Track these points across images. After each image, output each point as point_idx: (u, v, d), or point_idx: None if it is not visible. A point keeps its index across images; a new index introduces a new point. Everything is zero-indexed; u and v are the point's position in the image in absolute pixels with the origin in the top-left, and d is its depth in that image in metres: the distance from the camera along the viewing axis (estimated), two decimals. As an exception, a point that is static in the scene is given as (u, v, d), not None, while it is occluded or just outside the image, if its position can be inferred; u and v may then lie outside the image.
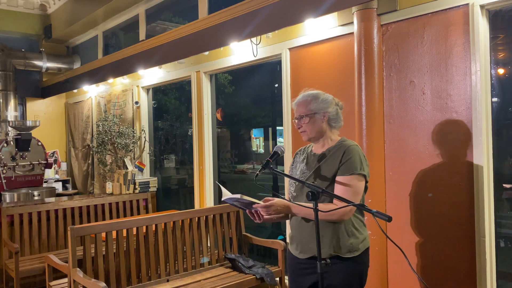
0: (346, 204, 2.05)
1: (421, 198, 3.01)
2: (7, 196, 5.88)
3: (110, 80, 6.22)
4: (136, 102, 6.05)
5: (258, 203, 2.22)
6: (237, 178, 5.40)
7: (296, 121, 2.33)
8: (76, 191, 7.55)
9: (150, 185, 5.78)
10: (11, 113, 7.20)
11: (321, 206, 2.11)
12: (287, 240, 2.48)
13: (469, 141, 2.76)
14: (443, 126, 2.89)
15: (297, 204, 2.21)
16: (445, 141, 2.89)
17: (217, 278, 3.78)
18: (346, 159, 2.18)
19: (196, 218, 3.99)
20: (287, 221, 3.20)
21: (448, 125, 2.87)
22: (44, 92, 7.81)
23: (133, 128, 6.01)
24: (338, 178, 2.17)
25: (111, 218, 5.31)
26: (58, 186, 7.30)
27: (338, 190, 2.16)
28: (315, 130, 2.29)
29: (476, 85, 2.71)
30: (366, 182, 2.25)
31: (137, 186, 5.64)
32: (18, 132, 6.30)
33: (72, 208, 5.05)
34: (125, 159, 5.72)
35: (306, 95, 2.32)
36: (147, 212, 5.59)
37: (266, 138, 5.45)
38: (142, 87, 6.05)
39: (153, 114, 6.16)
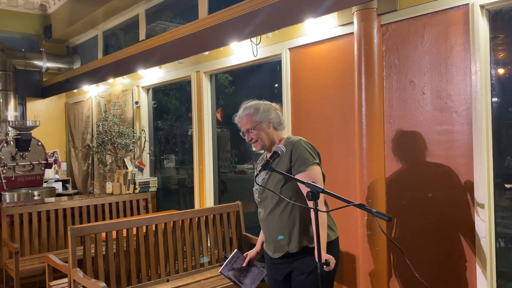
0: (346, 204, 2.05)
1: (421, 198, 3.01)
2: (7, 196, 5.88)
3: (110, 80, 6.23)
4: (136, 102, 6.05)
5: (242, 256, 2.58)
6: (237, 178, 5.40)
7: (246, 134, 2.46)
8: (76, 191, 7.55)
9: (150, 185, 5.78)
10: (11, 113, 7.20)
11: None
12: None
13: (469, 141, 2.76)
14: (443, 126, 2.89)
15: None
16: (445, 141, 2.89)
17: (217, 278, 3.78)
18: (296, 156, 2.33)
19: (196, 218, 3.99)
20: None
21: (448, 125, 2.87)
22: (44, 92, 7.81)
23: (133, 128, 6.01)
24: (298, 177, 2.27)
25: (111, 218, 5.31)
26: (58, 186, 7.30)
27: (302, 187, 2.30)
28: (265, 138, 2.44)
29: (476, 85, 2.71)
30: (322, 171, 2.42)
31: (137, 186, 5.64)
32: (18, 132, 6.30)
33: (72, 208, 5.05)
34: (125, 159, 5.72)
35: (247, 109, 2.46)
36: (147, 212, 5.59)
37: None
38: (142, 87, 6.05)
39: (153, 114, 6.16)
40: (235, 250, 2.57)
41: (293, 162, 2.34)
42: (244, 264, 2.58)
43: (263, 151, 2.59)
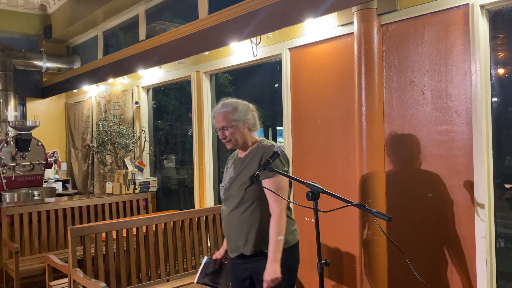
0: (346, 204, 2.05)
1: (421, 198, 3.01)
2: (7, 196, 5.88)
3: (110, 80, 6.23)
4: (136, 102, 6.05)
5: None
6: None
7: (220, 131, 2.44)
8: (76, 191, 7.55)
9: (150, 185, 5.77)
10: (11, 113, 7.20)
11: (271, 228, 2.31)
12: None
13: (469, 141, 2.76)
14: (443, 126, 2.89)
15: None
16: (445, 141, 2.89)
17: (217, 278, 3.77)
18: (264, 165, 2.27)
19: (196, 218, 3.99)
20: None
21: (448, 125, 2.87)
22: (44, 92, 7.81)
23: (133, 128, 6.01)
24: (263, 183, 2.32)
25: (111, 218, 5.31)
26: (58, 186, 7.30)
27: (266, 193, 2.33)
28: (239, 138, 2.44)
29: (476, 85, 2.71)
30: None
31: (137, 186, 5.64)
32: (18, 132, 6.30)
33: (72, 208, 5.05)
34: (125, 159, 5.72)
35: (226, 106, 2.44)
36: (147, 212, 5.59)
37: (266, 138, 5.45)
38: (142, 87, 6.05)
39: (153, 114, 6.16)
40: (205, 257, 2.59)
41: (260, 168, 2.30)
42: (215, 267, 2.59)
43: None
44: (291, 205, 2.66)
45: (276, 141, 5.00)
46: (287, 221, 2.37)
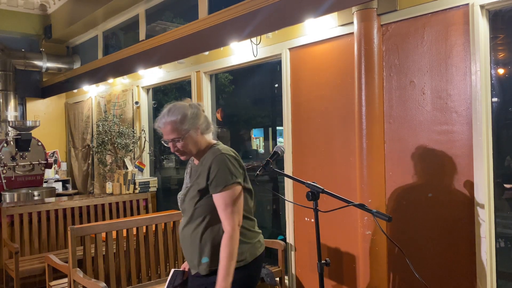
0: (346, 204, 2.05)
1: (421, 198, 3.01)
2: (7, 196, 5.88)
3: (110, 80, 6.23)
4: (136, 102, 6.05)
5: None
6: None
7: (170, 143, 2.18)
8: (76, 191, 7.55)
9: (150, 185, 5.77)
10: (11, 113, 7.20)
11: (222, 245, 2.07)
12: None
13: (469, 141, 2.76)
14: (443, 126, 2.89)
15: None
16: (445, 141, 2.89)
17: (217, 278, 3.77)
18: (213, 174, 2.09)
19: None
20: (289, 222, 3.18)
21: (448, 125, 2.87)
22: (44, 92, 7.81)
23: (133, 128, 6.01)
24: (214, 197, 2.10)
25: (111, 218, 5.31)
26: (58, 186, 7.30)
27: (218, 208, 2.09)
28: (193, 148, 2.18)
29: (476, 85, 2.71)
30: (246, 187, 2.19)
31: (137, 186, 5.64)
32: (18, 132, 6.30)
33: (72, 208, 5.05)
34: (125, 159, 5.72)
35: (173, 114, 2.15)
36: (147, 212, 5.59)
37: (266, 138, 5.45)
38: (142, 87, 6.05)
39: (153, 114, 6.16)
40: (172, 269, 2.42)
41: (210, 181, 2.10)
42: (184, 278, 2.40)
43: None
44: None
45: (276, 141, 5.01)
46: (247, 235, 2.17)
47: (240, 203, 2.11)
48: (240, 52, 4.34)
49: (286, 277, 3.98)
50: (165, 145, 2.23)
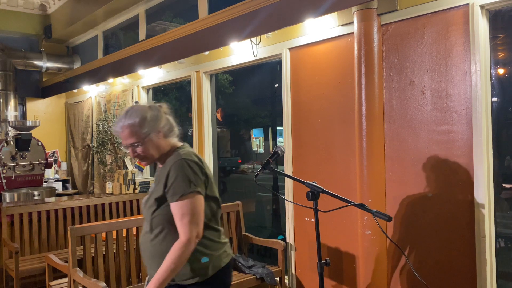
0: (346, 204, 2.05)
1: (421, 198, 3.01)
2: (7, 196, 5.88)
3: (110, 80, 6.22)
4: (136, 102, 6.05)
5: None
6: (237, 178, 5.40)
7: (129, 149, 2.01)
8: (76, 191, 7.55)
9: (150, 185, 5.77)
10: (11, 113, 7.20)
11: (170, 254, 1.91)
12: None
13: (469, 141, 2.76)
14: (443, 126, 2.89)
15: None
16: (444, 141, 2.89)
17: (217, 278, 3.77)
18: (170, 183, 1.93)
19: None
20: (289, 222, 3.17)
21: (448, 125, 2.87)
22: (44, 92, 7.81)
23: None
24: (171, 206, 1.94)
25: (111, 218, 5.31)
26: (58, 186, 7.30)
27: (176, 218, 1.93)
28: (154, 152, 2.02)
29: (476, 85, 2.71)
30: (209, 195, 2.02)
31: (137, 186, 5.64)
32: (18, 132, 6.30)
33: (72, 208, 5.05)
34: (125, 159, 5.72)
35: (131, 117, 1.98)
36: (147, 212, 5.58)
37: (266, 138, 5.46)
38: (142, 87, 6.05)
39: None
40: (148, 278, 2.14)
41: (167, 189, 1.94)
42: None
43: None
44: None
45: (276, 141, 5.02)
46: (211, 246, 2.01)
47: (199, 213, 1.93)
48: (240, 52, 4.34)
49: (286, 277, 3.98)
50: (125, 150, 2.09)
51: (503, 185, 2.82)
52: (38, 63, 7.46)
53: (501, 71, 2.83)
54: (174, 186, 1.91)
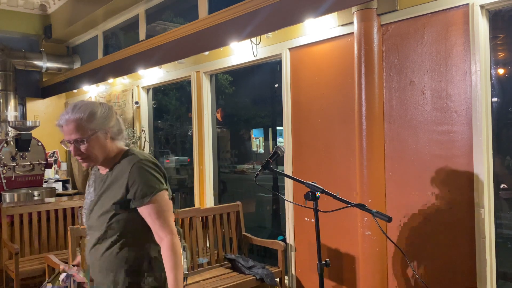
0: (346, 204, 2.05)
1: (421, 198, 3.01)
2: (7, 196, 5.87)
3: (110, 80, 6.22)
4: (136, 102, 6.05)
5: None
6: (237, 178, 5.40)
7: (71, 146, 1.84)
8: (76, 191, 7.54)
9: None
10: (11, 113, 7.20)
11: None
12: None
13: (469, 141, 2.76)
14: (443, 126, 2.89)
15: None
16: (445, 141, 2.89)
17: (217, 278, 3.78)
18: (136, 185, 1.79)
19: (196, 218, 3.99)
20: (289, 222, 3.16)
21: (448, 125, 2.87)
22: (44, 92, 7.81)
23: (133, 128, 6.01)
24: (140, 210, 1.80)
25: (111, 218, 5.30)
26: (58, 186, 7.30)
27: (149, 221, 1.81)
28: (99, 153, 1.85)
29: (476, 85, 2.71)
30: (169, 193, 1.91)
31: (137, 186, 5.63)
32: (18, 132, 6.30)
33: (72, 208, 5.04)
34: (125, 159, 5.71)
35: (78, 111, 1.82)
36: (147, 212, 5.58)
37: (266, 138, 5.46)
38: (142, 87, 6.05)
39: (153, 114, 6.16)
40: (45, 283, 2.02)
41: (132, 192, 1.80)
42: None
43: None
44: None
45: (276, 141, 5.01)
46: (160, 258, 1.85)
47: (171, 209, 1.86)
48: (240, 52, 4.34)
49: (286, 278, 3.98)
50: (66, 148, 1.94)
51: (503, 185, 2.82)
52: (38, 63, 7.46)
53: (501, 71, 2.83)
54: (141, 188, 1.79)
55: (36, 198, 5.87)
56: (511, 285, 2.87)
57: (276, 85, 4.53)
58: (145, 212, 1.80)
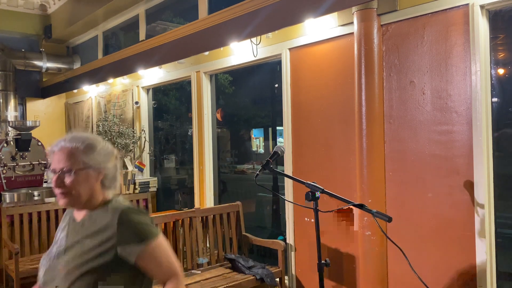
0: (346, 204, 2.05)
1: (421, 198, 3.01)
2: (7, 196, 5.87)
3: (110, 80, 6.23)
4: (136, 102, 6.05)
5: None
6: (237, 178, 5.40)
7: (56, 176, 1.56)
8: (76, 191, 7.54)
9: (150, 185, 5.77)
10: (11, 113, 7.20)
11: None
12: None
13: (469, 141, 2.76)
14: (443, 126, 2.89)
15: None
16: (445, 141, 2.89)
17: (217, 278, 3.78)
18: (130, 232, 1.53)
19: (196, 218, 3.99)
20: (289, 222, 3.17)
21: (448, 125, 2.87)
22: (44, 92, 7.81)
23: (133, 128, 6.01)
24: (138, 261, 1.53)
25: (111, 218, 5.31)
26: (58, 186, 7.29)
27: (152, 266, 1.56)
28: (84, 192, 1.57)
29: (476, 85, 2.71)
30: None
31: (137, 186, 5.64)
32: (18, 132, 6.29)
33: (72, 208, 5.04)
34: (125, 159, 5.72)
35: (76, 140, 1.59)
36: (147, 212, 5.58)
37: (266, 138, 5.45)
38: (142, 87, 6.05)
39: (153, 114, 6.17)
40: None
41: (124, 244, 1.51)
42: None
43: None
44: None
45: (276, 141, 5.01)
46: None
47: (173, 255, 1.64)
48: (240, 52, 4.34)
49: (286, 277, 3.98)
50: (48, 179, 1.71)
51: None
52: (38, 63, 7.46)
53: (501, 71, 2.83)
54: (139, 234, 1.53)
55: (36, 198, 5.86)
56: (511, 285, 2.87)
57: (276, 85, 4.53)
58: (147, 258, 1.54)
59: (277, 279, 3.84)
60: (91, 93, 7.17)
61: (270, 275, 3.77)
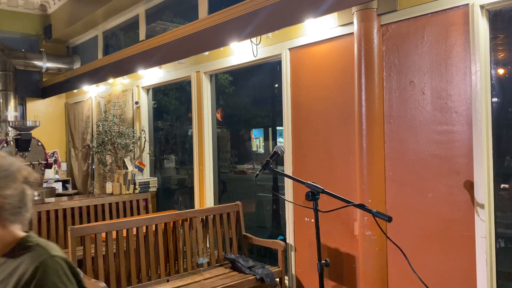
0: (346, 204, 2.05)
1: (421, 198, 3.01)
2: (7, 196, 5.87)
3: (110, 80, 6.23)
4: (136, 102, 6.05)
5: None
6: (237, 178, 5.40)
7: None
8: (76, 191, 7.55)
9: (150, 185, 5.77)
10: (11, 113, 7.20)
11: None
12: None
13: (469, 141, 2.76)
14: (443, 126, 2.89)
15: None
16: (445, 141, 2.89)
17: (217, 278, 3.78)
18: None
19: (196, 218, 3.99)
20: (289, 222, 3.17)
21: (448, 125, 2.87)
22: (44, 92, 7.81)
23: (133, 128, 6.01)
24: None
25: (111, 218, 5.31)
26: (58, 186, 7.30)
27: None
28: None
29: (476, 85, 2.71)
30: None
31: (137, 186, 5.64)
32: (18, 132, 6.30)
33: (72, 208, 5.05)
34: (125, 159, 5.72)
35: None
36: (147, 212, 5.59)
37: (266, 138, 5.45)
38: (142, 87, 6.05)
39: (153, 114, 6.17)
40: None
41: None
42: None
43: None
44: None
45: (276, 141, 5.01)
46: None
47: None
48: (240, 52, 4.34)
49: (286, 277, 3.98)
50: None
51: (503, 185, 2.82)
52: (38, 63, 7.46)
53: (501, 71, 2.83)
54: None
55: (36, 198, 5.87)
56: (511, 285, 2.87)
57: (276, 85, 4.53)
58: None
59: (277, 279, 3.84)
60: (91, 93, 7.17)
61: (270, 275, 3.77)
